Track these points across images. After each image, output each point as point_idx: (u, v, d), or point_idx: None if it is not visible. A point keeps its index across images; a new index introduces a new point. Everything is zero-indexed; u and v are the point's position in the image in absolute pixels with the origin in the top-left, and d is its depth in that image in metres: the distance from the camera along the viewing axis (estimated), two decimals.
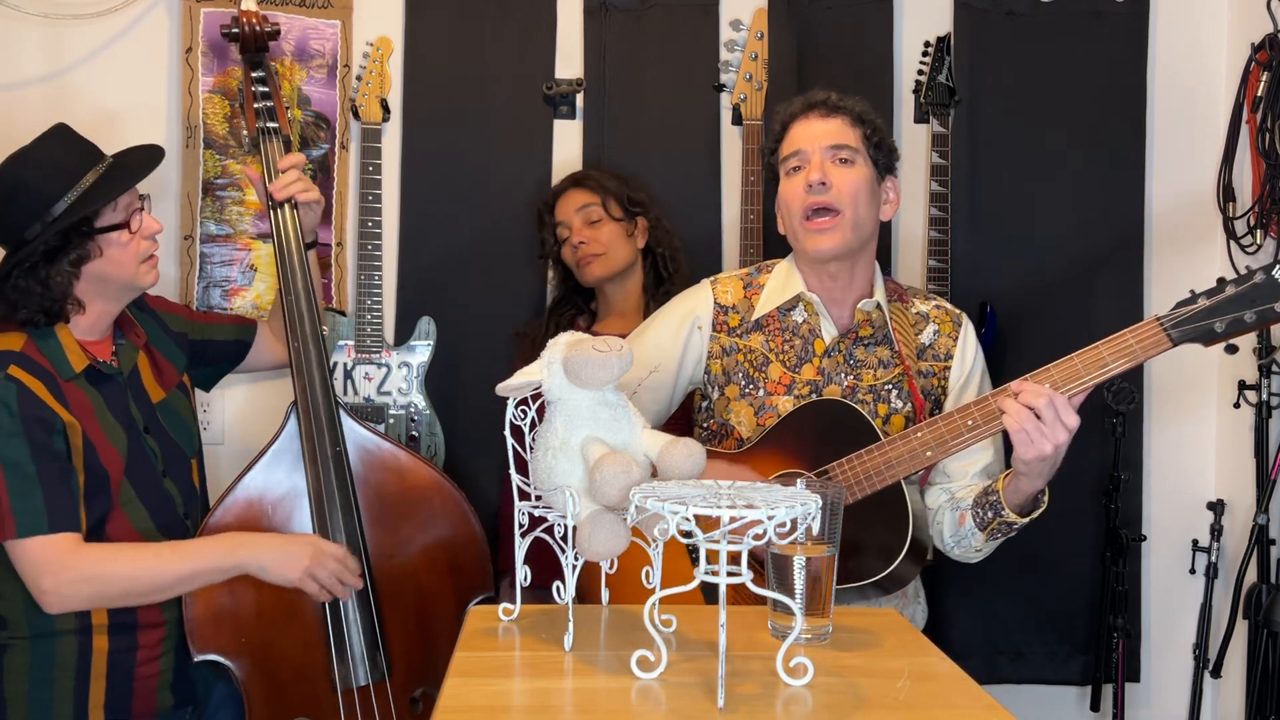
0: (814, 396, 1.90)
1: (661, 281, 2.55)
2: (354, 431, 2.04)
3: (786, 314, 1.95)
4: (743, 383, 1.95)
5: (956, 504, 1.86)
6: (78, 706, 1.81)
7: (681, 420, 2.16)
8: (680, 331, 2.00)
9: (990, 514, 1.78)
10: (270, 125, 2.18)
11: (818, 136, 1.88)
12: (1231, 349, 1.59)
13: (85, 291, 1.84)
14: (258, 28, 2.19)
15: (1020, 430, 1.64)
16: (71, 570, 1.73)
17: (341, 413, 2.03)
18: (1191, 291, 1.64)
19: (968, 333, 1.97)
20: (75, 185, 1.80)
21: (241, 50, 2.21)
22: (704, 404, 2.04)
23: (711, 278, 2.05)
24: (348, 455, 2.01)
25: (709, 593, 1.66)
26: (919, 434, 1.75)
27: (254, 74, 2.21)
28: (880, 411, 1.89)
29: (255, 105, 2.19)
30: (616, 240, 2.51)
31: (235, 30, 2.19)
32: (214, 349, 2.15)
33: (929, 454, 1.74)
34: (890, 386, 1.91)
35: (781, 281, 1.97)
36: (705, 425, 2.03)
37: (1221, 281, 1.63)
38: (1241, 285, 1.60)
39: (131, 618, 1.85)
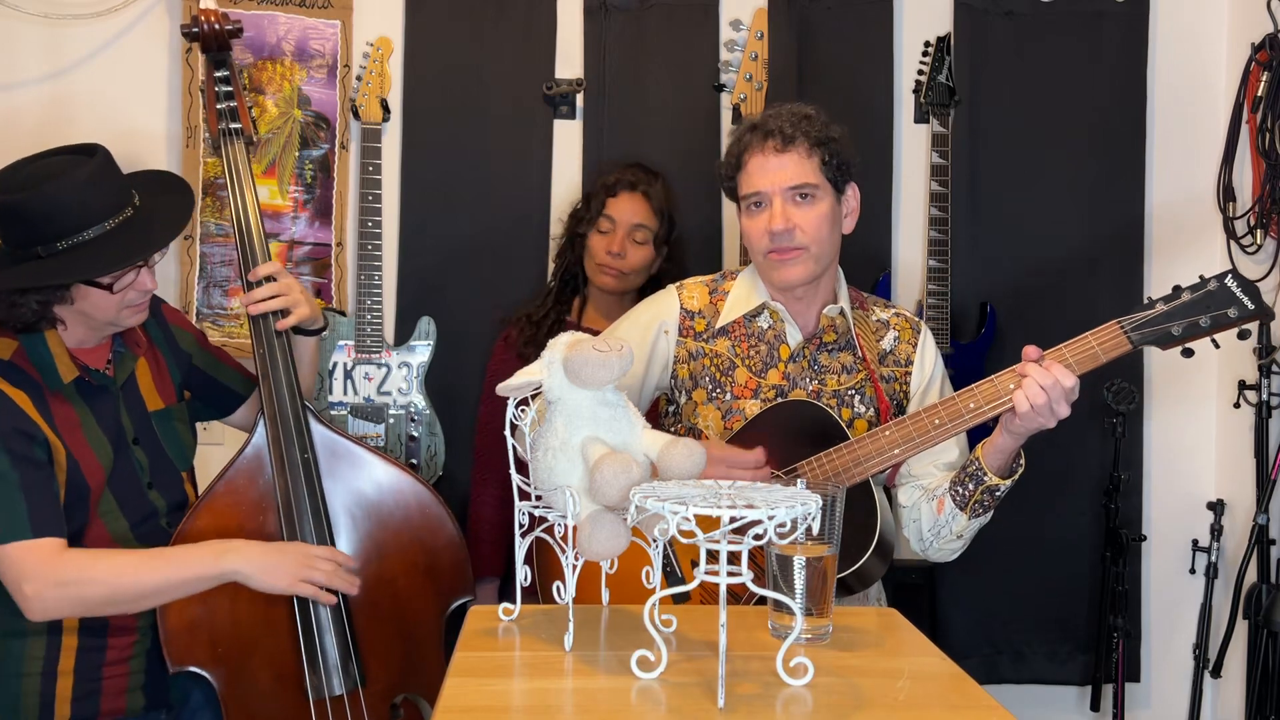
0: (779, 400, 1.91)
1: None
2: (324, 437, 2.00)
3: (752, 320, 1.97)
4: (710, 387, 1.96)
5: (931, 494, 1.88)
6: (44, 701, 1.80)
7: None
8: (647, 336, 2.00)
9: (972, 485, 1.80)
10: (233, 126, 2.11)
11: (776, 178, 1.84)
12: (1188, 353, 1.68)
13: (63, 314, 1.78)
14: (218, 26, 2.12)
15: (1029, 410, 1.68)
16: (54, 575, 1.71)
17: (311, 418, 1.99)
18: (1148, 298, 1.72)
19: (926, 340, 1.99)
20: (79, 232, 1.71)
21: (203, 49, 2.14)
22: (670, 408, 2.04)
23: (677, 283, 2.05)
24: (317, 461, 1.97)
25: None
26: (886, 433, 1.78)
27: (217, 74, 2.14)
28: (844, 416, 1.91)
29: (218, 106, 2.12)
30: (644, 266, 2.51)
31: (195, 30, 2.12)
32: (212, 388, 2.08)
33: (897, 452, 1.77)
34: (853, 391, 1.93)
35: (746, 289, 1.98)
36: (673, 429, 2.02)
37: (1177, 289, 1.70)
38: (1197, 292, 1.69)
39: (102, 621, 1.83)
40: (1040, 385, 1.66)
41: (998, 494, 1.80)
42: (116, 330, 1.86)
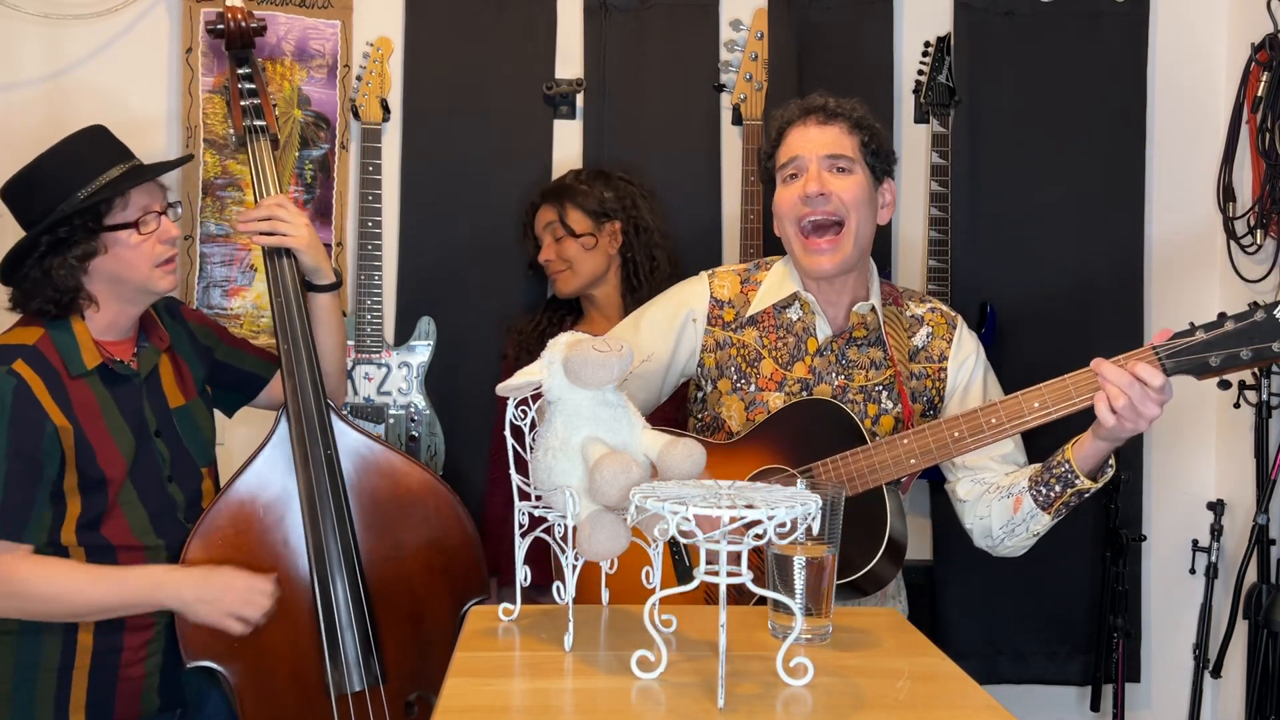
0: (804, 394, 1.90)
1: (634, 289, 2.53)
2: (345, 434, 2.02)
3: (782, 311, 1.95)
4: (735, 377, 1.95)
5: (1005, 491, 1.82)
6: (58, 705, 1.80)
7: (670, 410, 2.17)
8: (674, 322, 1.99)
9: (1060, 487, 1.74)
10: (257, 124, 2.13)
11: (815, 145, 1.86)
12: (1224, 385, 1.59)
13: (99, 290, 1.84)
14: (243, 24, 2.16)
15: (1117, 416, 1.61)
16: (3, 586, 1.73)
17: (333, 415, 2.01)
18: (1191, 324, 1.62)
19: (962, 334, 1.96)
20: (91, 181, 1.80)
21: (227, 46, 2.17)
22: (698, 395, 2.03)
23: (710, 270, 2.04)
24: (339, 458, 1.99)
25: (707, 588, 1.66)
26: (904, 441, 1.75)
27: (240, 71, 2.17)
28: (870, 411, 1.90)
29: (242, 103, 2.15)
30: (580, 255, 2.51)
31: (220, 26, 2.16)
32: (235, 375, 2.12)
33: (913, 462, 1.74)
34: (881, 388, 1.91)
35: (778, 279, 1.97)
36: (699, 416, 2.02)
37: (1222, 316, 1.61)
38: (1241, 322, 1.58)
39: (118, 619, 1.83)
40: (1118, 386, 1.58)
41: (1085, 496, 1.75)
42: (151, 298, 1.91)
